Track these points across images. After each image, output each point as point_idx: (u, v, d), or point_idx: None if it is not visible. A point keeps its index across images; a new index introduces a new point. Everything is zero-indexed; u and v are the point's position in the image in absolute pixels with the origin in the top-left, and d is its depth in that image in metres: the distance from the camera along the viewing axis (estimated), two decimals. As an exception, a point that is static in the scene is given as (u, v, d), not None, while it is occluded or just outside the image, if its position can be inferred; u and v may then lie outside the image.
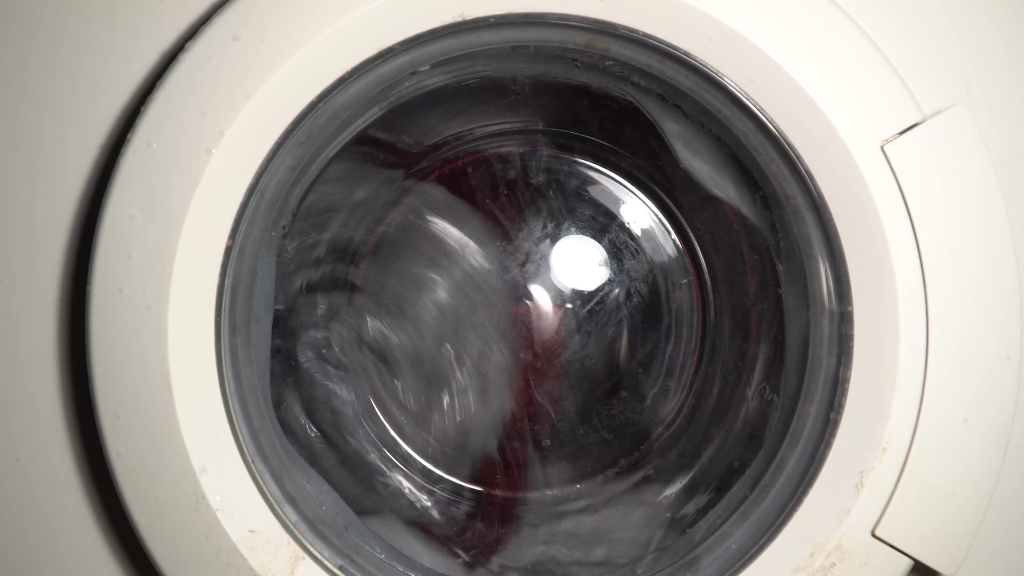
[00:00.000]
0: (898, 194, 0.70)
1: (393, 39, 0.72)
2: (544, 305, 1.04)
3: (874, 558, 0.72)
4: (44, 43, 0.81)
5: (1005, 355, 0.71)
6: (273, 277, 0.85)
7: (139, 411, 0.73)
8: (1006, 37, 0.77)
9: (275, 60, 0.71)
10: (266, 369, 0.84)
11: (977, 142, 0.71)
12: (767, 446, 0.83)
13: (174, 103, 0.71)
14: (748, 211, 0.87)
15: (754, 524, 0.78)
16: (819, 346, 0.78)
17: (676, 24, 0.71)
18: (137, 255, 0.72)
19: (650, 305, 1.05)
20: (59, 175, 0.82)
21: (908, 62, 0.74)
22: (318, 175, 0.86)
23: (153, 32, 0.79)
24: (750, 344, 0.99)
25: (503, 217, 1.03)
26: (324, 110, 0.74)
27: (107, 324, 0.73)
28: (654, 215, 1.07)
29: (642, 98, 0.85)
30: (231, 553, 0.74)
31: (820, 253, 0.76)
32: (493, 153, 1.05)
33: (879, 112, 0.70)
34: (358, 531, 0.84)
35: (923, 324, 0.71)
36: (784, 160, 0.74)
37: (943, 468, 0.71)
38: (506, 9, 0.72)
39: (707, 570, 0.79)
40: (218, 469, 0.74)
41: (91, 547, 0.86)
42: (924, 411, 0.71)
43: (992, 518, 0.76)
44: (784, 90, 0.71)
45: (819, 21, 0.70)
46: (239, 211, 0.74)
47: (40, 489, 0.86)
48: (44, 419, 0.85)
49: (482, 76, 0.87)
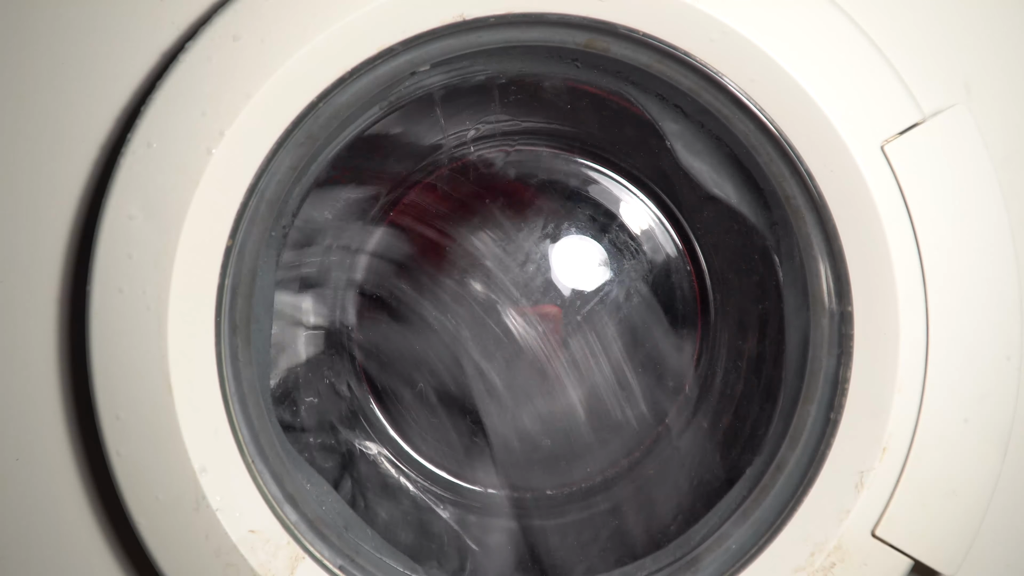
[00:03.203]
0: (898, 194, 0.70)
1: (393, 39, 0.72)
2: (544, 305, 1.04)
3: (874, 558, 0.72)
4: (44, 43, 0.81)
5: (1005, 355, 0.71)
6: (273, 277, 0.85)
7: (139, 411, 0.73)
8: (1006, 37, 0.77)
9: (275, 60, 0.71)
10: (266, 369, 0.84)
11: (977, 142, 0.71)
12: (767, 446, 0.83)
13: (174, 103, 0.71)
14: (748, 211, 0.87)
15: (754, 524, 0.78)
16: (819, 346, 0.78)
17: (676, 24, 0.71)
18: (137, 255, 0.72)
19: (650, 305, 1.05)
20: (59, 175, 0.82)
21: (908, 62, 0.74)
22: (305, 196, 0.86)
23: (153, 32, 0.79)
24: (750, 344, 0.99)
25: (503, 217, 1.03)
26: (324, 110, 0.74)
27: (107, 324, 0.73)
28: (654, 215, 1.07)
29: (642, 98, 0.85)
30: (231, 553, 0.74)
31: (820, 253, 0.76)
32: (493, 153, 1.05)
33: (879, 112, 0.70)
34: (358, 531, 0.84)
35: (923, 324, 0.71)
36: (784, 160, 0.74)
37: (943, 468, 0.71)
38: (506, 9, 0.72)
39: (707, 570, 0.79)
40: (218, 469, 0.74)
41: (91, 547, 0.86)
42: (924, 411, 0.71)
43: (992, 518, 0.76)
44: (784, 90, 0.71)
45: (819, 21, 0.70)
46: (239, 211, 0.74)
47: (40, 489, 0.86)
48: (44, 419, 0.85)
49: (482, 76, 0.87)
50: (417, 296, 1.03)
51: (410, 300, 1.04)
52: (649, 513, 1.00)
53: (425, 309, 1.03)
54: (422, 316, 1.03)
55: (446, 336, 1.03)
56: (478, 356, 1.03)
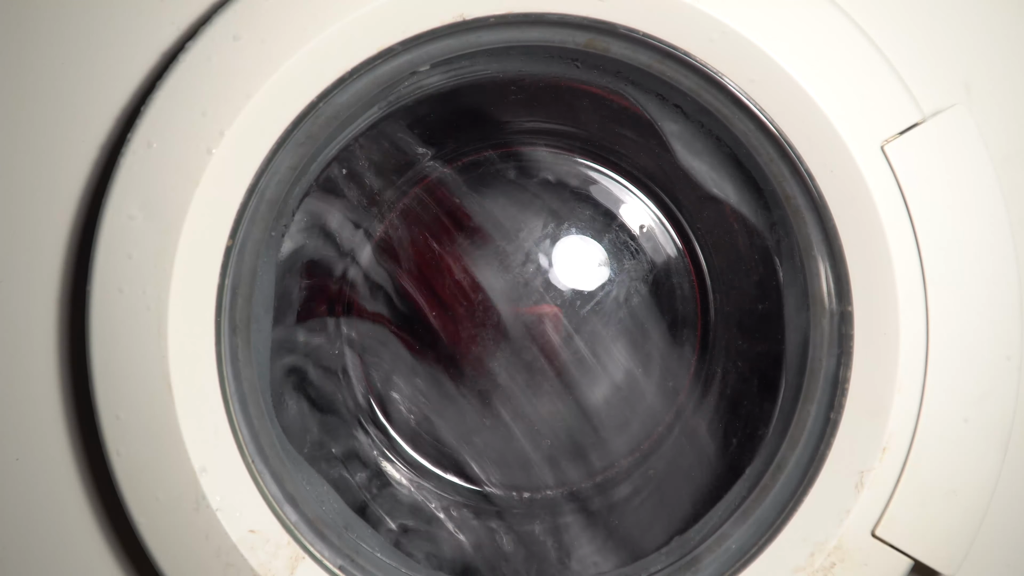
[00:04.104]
0: (898, 194, 0.70)
1: (393, 39, 0.72)
2: (544, 305, 1.04)
3: (874, 558, 0.72)
4: (44, 43, 0.81)
5: (1005, 355, 0.71)
6: (273, 277, 0.85)
7: (139, 411, 0.73)
8: (1006, 37, 0.77)
9: (275, 60, 0.71)
10: (266, 369, 0.84)
11: (977, 142, 0.71)
12: (767, 446, 0.83)
13: (174, 103, 0.71)
14: (748, 211, 0.87)
15: (754, 524, 0.78)
16: (819, 346, 0.78)
17: (676, 24, 0.71)
18: (137, 255, 0.72)
19: (650, 305, 1.05)
20: (59, 175, 0.82)
21: (908, 62, 0.74)
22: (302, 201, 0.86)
23: (153, 32, 0.79)
24: (750, 344, 0.99)
25: (503, 217, 1.03)
26: (324, 110, 0.74)
27: (107, 324, 0.73)
28: (654, 215, 1.07)
29: (642, 98, 0.85)
30: (231, 553, 0.74)
31: (820, 253, 0.76)
32: (493, 153, 1.05)
33: (879, 112, 0.70)
34: (358, 531, 0.84)
35: (923, 324, 0.71)
36: (784, 160, 0.74)
37: (943, 468, 0.71)
38: (506, 9, 0.72)
39: (707, 570, 0.79)
40: (218, 469, 0.74)
41: (91, 547, 0.86)
42: (924, 411, 0.71)
43: (992, 518, 0.76)
44: (784, 90, 0.71)
45: (819, 21, 0.70)
46: (239, 211, 0.74)
47: (40, 489, 0.86)
48: (44, 419, 0.85)
49: (482, 76, 0.87)
50: (416, 296, 1.03)
51: (410, 298, 1.04)
52: (649, 513, 1.00)
53: (424, 310, 1.03)
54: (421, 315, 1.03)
55: (445, 336, 1.03)
56: (478, 356, 1.03)
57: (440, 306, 1.03)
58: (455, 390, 1.04)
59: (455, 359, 1.04)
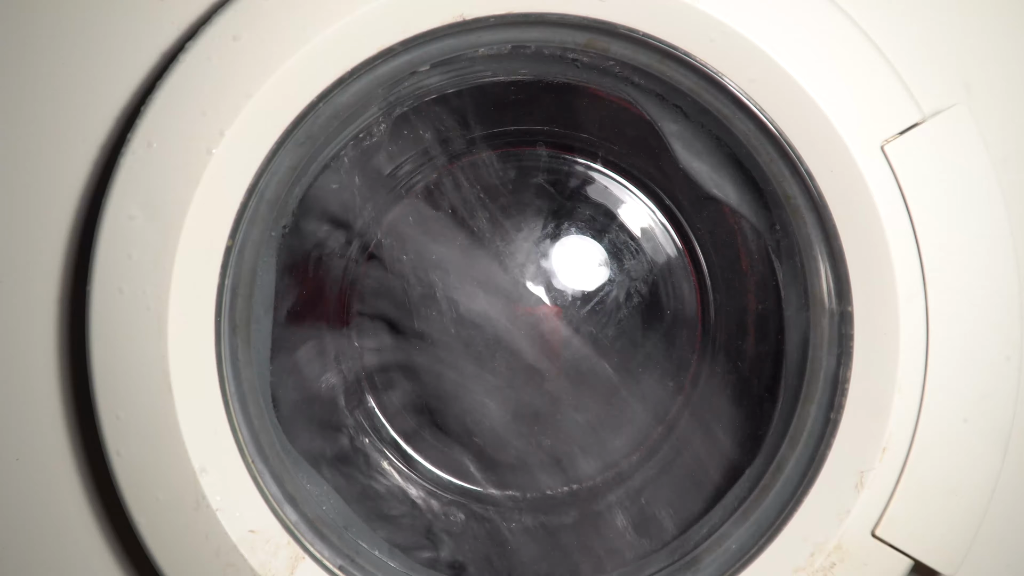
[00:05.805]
0: (898, 194, 0.70)
1: (393, 39, 0.72)
2: (544, 306, 1.04)
3: (874, 558, 0.72)
4: (44, 43, 0.81)
5: (1005, 355, 0.71)
6: (273, 277, 0.85)
7: (139, 411, 0.73)
8: (1006, 37, 0.77)
9: (275, 60, 0.71)
10: (266, 369, 0.84)
11: (977, 142, 0.71)
12: (767, 446, 0.83)
13: (174, 103, 0.71)
14: (748, 211, 0.87)
15: (754, 524, 0.78)
16: (819, 346, 0.78)
17: (676, 24, 0.71)
18: (137, 255, 0.72)
19: (650, 305, 1.05)
20: (59, 175, 0.82)
21: (908, 62, 0.74)
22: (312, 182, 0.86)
23: (153, 32, 0.79)
24: (750, 344, 0.99)
25: (503, 216, 1.03)
26: (324, 110, 0.74)
27: (107, 324, 0.73)
28: (654, 215, 1.07)
29: (642, 98, 0.85)
30: (231, 553, 0.74)
31: (820, 253, 0.76)
32: (493, 153, 1.05)
33: (879, 112, 0.70)
34: (358, 531, 0.84)
35: (923, 324, 0.71)
36: (784, 160, 0.74)
37: (943, 468, 0.71)
38: (506, 9, 0.72)
39: (707, 570, 0.79)
40: (218, 469, 0.74)
41: (91, 547, 0.86)
42: (924, 411, 0.71)
43: (992, 518, 0.76)
44: (784, 90, 0.71)
45: (819, 21, 0.70)
46: (239, 211, 0.74)
47: (40, 489, 0.86)
48: (44, 419, 0.85)
49: (482, 76, 0.87)
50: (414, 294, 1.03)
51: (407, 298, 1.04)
52: (649, 513, 1.00)
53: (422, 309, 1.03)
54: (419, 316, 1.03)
55: (445, 335, 1.03)
56: (477, 357, 1.03)
57: (436, 315, 1.03)
58: (455, 390, 1.04)
59: (455, 360, 1.04)
